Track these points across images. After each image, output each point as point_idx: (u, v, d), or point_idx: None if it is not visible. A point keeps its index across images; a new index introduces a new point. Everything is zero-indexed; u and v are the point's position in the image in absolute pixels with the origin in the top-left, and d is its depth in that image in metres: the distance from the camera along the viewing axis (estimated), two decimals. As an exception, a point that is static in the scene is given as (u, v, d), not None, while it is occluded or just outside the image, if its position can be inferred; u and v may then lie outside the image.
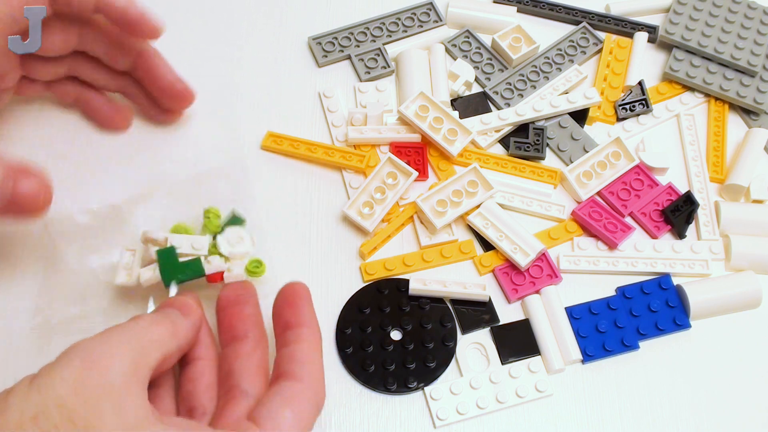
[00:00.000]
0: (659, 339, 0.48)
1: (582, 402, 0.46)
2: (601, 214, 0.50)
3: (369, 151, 0.52)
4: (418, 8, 0.58)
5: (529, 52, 0.56)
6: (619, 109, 0.55)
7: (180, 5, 0.57)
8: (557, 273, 0.49)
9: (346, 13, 0.58)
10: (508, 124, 0.53)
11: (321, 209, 0.51)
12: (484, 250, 0.50)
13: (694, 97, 0.56)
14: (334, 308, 0.48)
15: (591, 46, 0.57)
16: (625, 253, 0.49)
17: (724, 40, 0.55)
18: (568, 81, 0.55)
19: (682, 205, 0.50)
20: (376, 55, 0.56)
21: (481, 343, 0.47)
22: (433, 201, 0.49)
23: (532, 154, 0.53)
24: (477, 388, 0.45)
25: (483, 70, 0.56)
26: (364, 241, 0.49)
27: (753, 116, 0.55)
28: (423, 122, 0.52)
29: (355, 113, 0.52)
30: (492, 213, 0.49)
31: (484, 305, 0.48)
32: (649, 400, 0.46)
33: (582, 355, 0.46)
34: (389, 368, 0.46)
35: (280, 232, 0.50)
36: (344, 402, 0.45)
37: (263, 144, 0.52)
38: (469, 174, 0.50)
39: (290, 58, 0.56)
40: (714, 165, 0.53)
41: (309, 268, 0.49)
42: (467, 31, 0.57)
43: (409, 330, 0.47)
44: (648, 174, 0.52)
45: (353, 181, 0.51)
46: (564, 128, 0.54)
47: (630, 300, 0.48)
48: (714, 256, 0.50)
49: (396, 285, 0.48)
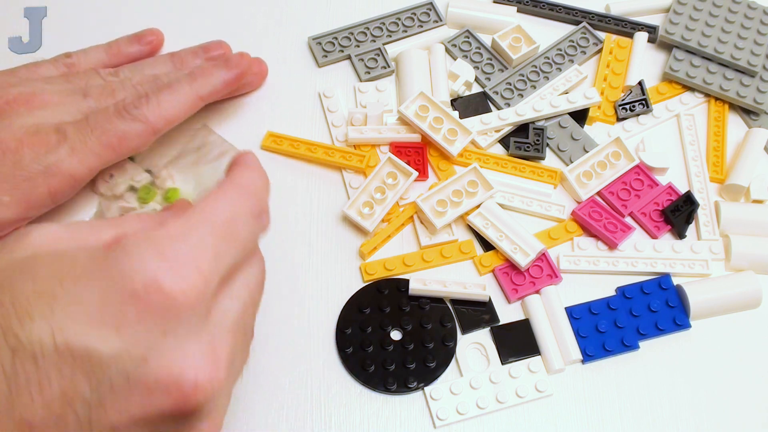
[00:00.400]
0: (659, 339, 0.48)
1: (582, 402, 0.46)
2: (601, 214, 0.50)
3: (369, 151, 0.52)
4: (418, 8, 0.58)
5: (529, 52, 0.56)
6: (619, 109, 0.55)
7: (180, 5, 0.57)
8: (557, 273, 0.49)
9: (346, 13, 0.58)
10: (508, 124, 0.53)
11: (321, 209, 0.51)
12: (484, 250, 0.50)
13: (694, 97, 0.56)
14: (334, 308, 0.48)
15: (591, 46, 0.57)
16: (625, 253, 0.49)
17: (724, 40, 0.55)
18: (568, 81, 0.55)
19: (682, 205, 0.50)
20: (376, 55, 0.56)
21: (481, 343, 0.47)
22: (433, 201, 0.49)
23: (532, 154, 0.53)
24: (477, 388, 0.45)
25: (483, 70, 0.56)
26: (364, 241, 0.49)
27: (753, 116, 0.55)
28: (423, 122, 0.52)
29: (355, 113, 0.52)
30: (492, 213, 0.49)
31: (484, 305, 0.48)
32: (649, 400, 0.46)
33: (582, 355, 0.46)
34: (389, 368, 0.46)
35: (280, 232, 0.50)
36: (344, 402, 0.45)
37: (263, 144, 0.52)
38: (469, 174, 0.50)
39: (290, 58, 0.56)
40: (714, 165, 0.53)
41: (309, 268, 0.49)
42: (467, 31, 0.57)
43: (409, 330, 0.47)
44: (648, 174, 0.52)
45: (353, 181, 0.51)
46: (564, 128, 0.54)
47: (630, 300, 0.48)
48: (714, 256, 0.50)
49: (396, 285, 0.48)
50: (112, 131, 0.45)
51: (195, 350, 0.30)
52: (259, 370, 0.46)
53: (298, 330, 0.47)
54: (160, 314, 0.29)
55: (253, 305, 0.35)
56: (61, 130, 0.44)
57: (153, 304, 0.29)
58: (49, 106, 0.45)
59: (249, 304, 0.35)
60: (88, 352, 0.28)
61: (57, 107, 0.46)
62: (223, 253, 0.32)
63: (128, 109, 0.45)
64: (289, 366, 0.46)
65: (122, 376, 0.29)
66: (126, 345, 0.29)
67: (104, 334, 0.29)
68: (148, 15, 0.56)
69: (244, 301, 0.34)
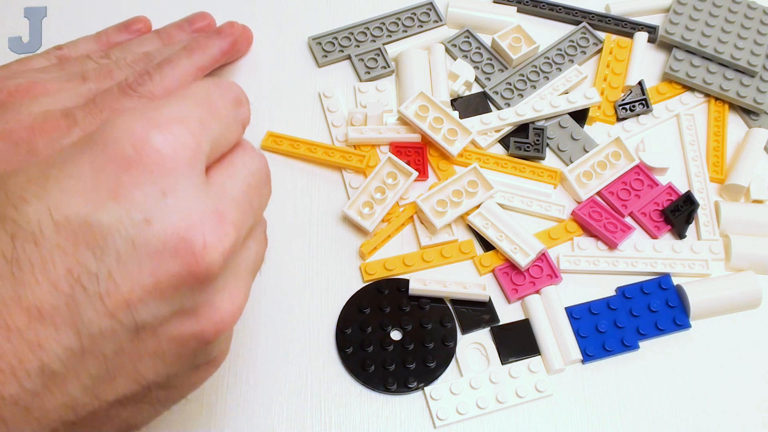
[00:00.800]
0: (659, 339, 0.48)
1: (582, 402, 0.46)
2: (601, 214, 0.50)
3: (369, 151, 0.52)
4: (418, 8, 0.58)
5: (529, 52, 0.56)
6: (619, 109, 0.55)
7: (180, 6, 0.57)
8: (557, 273, 0.49)
9: (346, 13, 0.58)
10: (508, 124, 0.53)
11: (321, 209, 0.51)
12: (484, 250, 0.50)
13: (694, 97, 0.56)
14: (334, 308, 0.48)
15: (591, 46, 0.57)
16: (625, 253, 0.49)
17: (724, 40, 0.55)
18: (568, 81, 0.55)
19: (682, 205, 0.50)
20: (376, 55, 0.56)
21: (481, 343, 0.47)
22: (433, 201, 0.49)
23: (532, 154, 0.53)
24: (477, 388, 0.45)
25: (483, 70, 0.56)
26: (364, 241, 0.49)
27: (753, 116, 0.55)
28: (423, 122, 0.52)
29: (355, 113, 0.52)
30: (492, 213, 0.49)
31: (484, 305, 0.48)
32: (649, 400, 0.46)
33: (582, 355, 0.46)
34: (389, 368, 0.46)
35: (280, 232, 0.50)
36: (344, 402, 0.45)
37: (263, 144, 0.52)
38: (469, 174, 0.50)
39: (290, 58, 0.56)
40: (714, 165, 0.53)
41: (309, 268, 0.49)
42: (467, 31, 0.57)
43: (409, 330, 0.47)
44: (648, 174, 0.52)
45: (353, 181, 0.51)
46: (564, 128, 0.54)
47: (630, 300, 0.48)
48: (714, 256, 0.50)
49: (396, 285, 0.48)
50: (121, 110, 0.44)
51: (199, 210, 0.29)
52: (259, 369, 0.46)
53: (298, 330, 0.47)
54: (156, 174, 0.28)
55: (257, 189, 0.34)
56: (70, 115, 0.43)
57: (147, 164, 0.28)
58: (50, 94, 0.45)
59: (253, 186, 0.33)
60: (87, 223, 0.28)
61: (59, 93, 0.45)
62: (208, 123, 0.31)
63: (133, 87, 0.45)
64: (289, 366, 0.46)
65: (127, 243, 0.28)
66: (126, 210, 0.28)
67: (102, 203, 0.28)
68: (148, 15, 0.56)
69: (247, 181, 0.33)
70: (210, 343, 0.31)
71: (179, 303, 0.29)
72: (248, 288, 0.33)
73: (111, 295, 0.28)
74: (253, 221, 0.33)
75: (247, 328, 0.47)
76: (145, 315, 0.28)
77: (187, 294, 0.29)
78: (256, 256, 0.34)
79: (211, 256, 0.29)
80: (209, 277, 0.29)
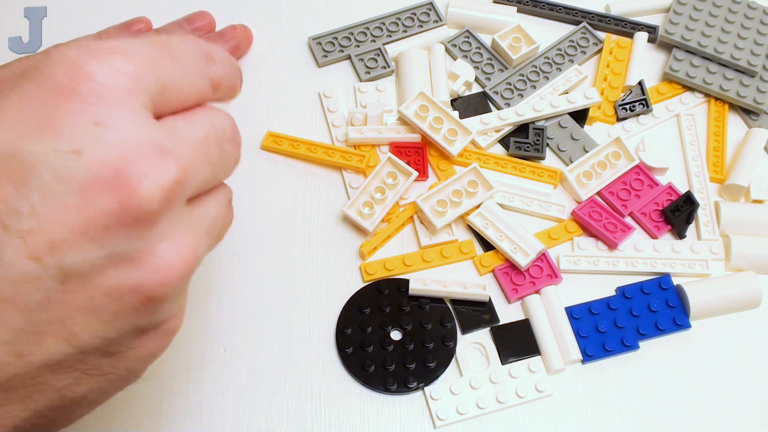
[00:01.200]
0: (659, 339, 0.48)
1: (582, 402, 0.46)
2: (601, 214, 0.50)
3: (369, 151, 0.52)
4: (418, 8, 0.58)
5: (529, 52, 0.56)
6: (619, 109, 0.55)
7: (180, 6, 0.57)
8: (557, 273, 0.49)
9: (346, 13, 0.58)
10: (508, 124, 0.53)
11: (321, 209, 0.51)
12: (484, 250, 0.50)
13: (694, 97, 0.56)
14: (334, 308, 0.48)
15: (591, 46, 0.57)
16: (625, 253, 0.49)
17: (724, 40, 0.55)
18: (568, 81, 0.55)
19: (682, 205, 0.50)
20: (376, 55, 0.56)
21: (481, 343, 0.47)
22: (433, 201, 0.49)
23: (532, 154, 0.53)
24: (477, 388, 0.45)
25: (483, 70, 0.56)
26: (364, 241, 0.49)
27: (753, 116, 0.55)
28: (423, 122, 0.52)
29: (355, 113, 0.52)
30: (492, 213, 0.49)
31: (484, 305, 0.48)
32: (649, 400, 0.46)
33: (582, 355, 0.46)
34: (389, 368, 0.46)
35: (281, 232, 0.50)
36: (344, 402, 0.45)
37: (263, 144, 0.52)
38: (469, 174, 0.50)
39: (290, 58, 0.56)
40: (714, 165, 0.53)
41: (309, 268, 0.49)
42: (467, 31, 0.57)
43: (409, 330, 0.47)
44: (648, 174, 0.52)
45: (353, 181, 0.51)
46: (564, 128, 0.54)
47: (630, 300, 0.48)
48: (714, 256, 0.50)
49: (396, 285, 0.48)
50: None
51: (136, 141, 0.26)
52: (259, 369, 0.46)
53: (298, 330, 0.47)
54: (88, 103, 0.26)
55: (218, 143, 0.30)
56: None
57: (79, 93, 0.26)
58: None
59: (213, 138, 0.30)
60: (8, 155, 0.25)
61: None
62: (158, 61, 0.28)
63: None
64: (289, 366, 0.46)
65: (53, 177, 0.25)
66: (53, 141, 0.25)
67: (28, 134, 0.25)
68: (148, 15, 0.56)
69: (206, 131, 0.30)
70: (154, 300, 0.27)
71: (113, 247, 0.26)
72: (201, 247, 0.29)
73: (34, 235, 0.25)
74: (209, 175, 0.30)
75: (246, 327, 0.47)
76: (74, 260, 0.25)
77: (122, 237, 0.26)
78: (215, 218, 0.31)
79: (146, 190, 0.26)
80: (147, 216, 0.26)
